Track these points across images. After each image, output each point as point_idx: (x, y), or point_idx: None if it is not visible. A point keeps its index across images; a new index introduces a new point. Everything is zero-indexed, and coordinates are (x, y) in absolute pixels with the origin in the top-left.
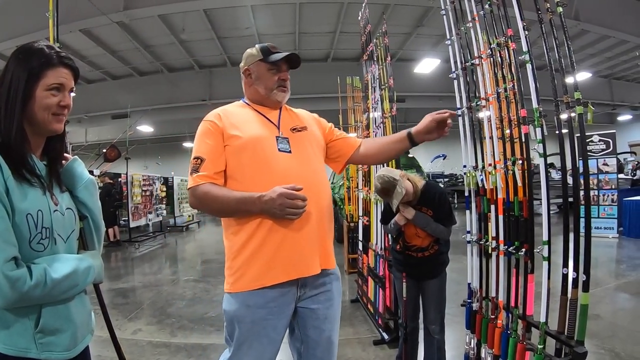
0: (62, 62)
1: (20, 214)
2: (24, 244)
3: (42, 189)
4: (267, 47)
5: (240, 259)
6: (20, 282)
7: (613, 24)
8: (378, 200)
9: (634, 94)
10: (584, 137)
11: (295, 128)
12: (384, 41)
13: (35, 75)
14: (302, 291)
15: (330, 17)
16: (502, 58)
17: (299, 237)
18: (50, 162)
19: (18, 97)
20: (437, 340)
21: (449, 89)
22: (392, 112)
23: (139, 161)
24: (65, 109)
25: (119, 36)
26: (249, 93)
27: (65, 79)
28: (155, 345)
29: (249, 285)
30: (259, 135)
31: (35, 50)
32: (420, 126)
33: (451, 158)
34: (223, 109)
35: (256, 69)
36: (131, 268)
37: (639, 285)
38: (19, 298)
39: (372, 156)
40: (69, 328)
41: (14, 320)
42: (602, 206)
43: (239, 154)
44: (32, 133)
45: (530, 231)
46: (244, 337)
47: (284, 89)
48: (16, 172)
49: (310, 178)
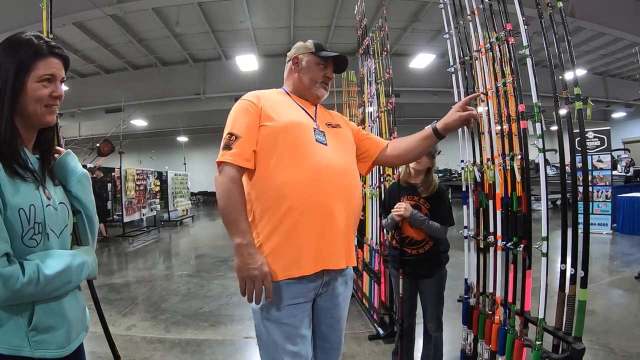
0: (52, 51)
1: (12, 208)
2: (16, 240)
3: (35, 184)
4: (320, 44)
5: (268, 246)
6: (12, 279)
7: (608, 21)
8: (374, 195)
9: (629, 91)
10: (583, 132)
11: (330, 124)
12: (380, 35)
13: (25, 67)
14: (324, 288)
15: (326, 11)
16: (501, 53)
17: (329, 232)
18: (42, 155)
19: (7, 90)
20: (434, 337)
21: (444, 84)
22: (388, 106)
23: (132, 155)
24: (58, 99)
25: (113, 29)
26: (290, 81)
27: (56, 69)
28: (150, 341)
29: (275, 276)
30: (297, 120)
31: (23, 41)
32: (445, 119)
33: (446, 153)
34: (262, 92)
35: (306, 58)
36: (125, 263)
37: (633, 281)
38: (11, 296)
39: (398, 156)
40: (62, 325)
41: (7, 318)
42: (596, 202)
43: (275, 136)
44: (23, 126)
45: (528, 227)
46: (277, 338)
47: (326, 86)
48: (7, 166)
49: (344, 172)
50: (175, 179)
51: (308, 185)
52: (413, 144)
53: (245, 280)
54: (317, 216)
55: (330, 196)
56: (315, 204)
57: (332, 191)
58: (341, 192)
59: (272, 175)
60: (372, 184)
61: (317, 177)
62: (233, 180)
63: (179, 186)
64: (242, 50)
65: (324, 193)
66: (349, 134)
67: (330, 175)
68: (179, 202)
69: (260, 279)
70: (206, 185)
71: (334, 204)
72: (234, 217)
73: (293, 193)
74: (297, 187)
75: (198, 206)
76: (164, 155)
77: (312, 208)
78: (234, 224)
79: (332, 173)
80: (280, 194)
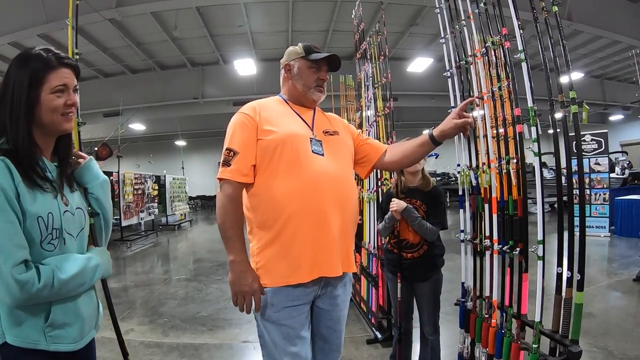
0: (62, 62)
1: (31, 217)
2: (35, 245)
3: (53, 193)
4: (310, 46)
5: (265, 254)
6: (29, 284)
7: (605, 25)
8: (371, 199)
9: (626, 94)
10: (578, 136)
11: (328, 131)
12: (377, 39)
13: (37, 80)
14: (322, 291)
15: (324, 15)
16: (497, 57)
17: (325, 239)
18: (60, 162)
19: (22, 104)
20: (431, 341)
21: (442, 88)
22: (385, 110)
23: (130, 159)
24: (72, 107)
25: (111, 33)
26: (286, 88)
27: (68, 79)
28: (148, 345)
29: (275, 282)
30: (294, 132)
31: (32, 56)
32: (441, 126)
33: (444, 157)
34: (259, 103)
35: (297, 65)
36: (123, 267)
37: (631, 283)
38: (27, 298)
39: (396, 161)
40: (77, 322)
41: (25, 316)
42: (594, 205)
43: (272, 149)
44: (41, 135)
45: (524, 230)
46: (276, 339)
47: (321, 89)
48: (27, 178)
49: (339, 182)
50: (173, 183)
51: (303, 196)
52: (410, 149)
53: (236, 294)
54: (313, 226)
55: (326, 205)
56: (311, 214)
57: (327, 200)
58: (337, 200)
59: (270, 187)
60: (369, 188)
61: (312, 187)
62: (230, 198)
63: (177, 190)
64: (240, 54)
65: (320, 202)
66: (347, 140)
67: (325, 185)
68: (177, 206)
69: (250, 295)
70: (204, 189)
71: (330, 213)
72: (229, 235)
73: (289, 204)
74: (293, 198)
75: (196, 210)
76: (162, 159)
77: (308, 218)
78: (229, 241)
79: (328, 182)
80: (277, 205)
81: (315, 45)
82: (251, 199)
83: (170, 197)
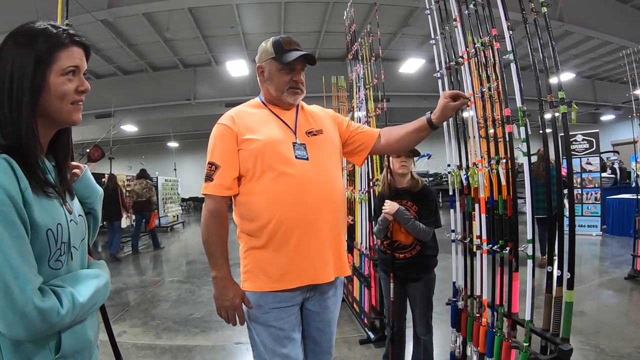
0: (74, 40)
1: (40, 230)
2: (42, 264)
3: (58, 199)
4: (281, 42)
5: (252, 259)
6: (52, 312)
7: (597, 26)
8: (363, 199)
9: (617, 94)
10: (567, 136)
11: (311, 131)
12: (368, 40)
13: (44, 60)
14: (311, 293)
15: (316, 17)
16: (487, 58)
17: (314, 245)
18: (58, 164)
19: (25, 89)
20: (424, 341)
21: (434, 89)
22: (377, 111)
23: (123, 161)
24: (84, 94)
25: (103, 34)
26: (262, 91)
27: (80, 60)
28: (140, 347)
29: (261, 287)
30: (275, 139)
31: (38, 31)
32: (439, 110)
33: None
34: (237, 110)
35: (268, 67)
36: (115, 269)
37: (623, 281)
38: (46, 329)
39: (393, 145)
40: (86, 346)
41: (33, 350)
42: (585, 204)
43: (254, 157)
44: (42, 128)
45: (514, 230)
46: (266, 341)
47: (296, 90)
48: (34, 181)
49: (326, 186)
50: (165, 184)
51: (289, 204)
52: (408, 135)
53: (219, 309)
54: (300, 233)
55: (313, 211)
56: (298, 222)
57: (314, 205)
58: (324, 204)
59: (255, 195)
60: (361, 188)
61: (297, 194)
62: (213, 213)
63: (169, 192)
64: (232, 55)
65: (306, 209)
66: (332, 137)
67: (312, 191)
68: (169, 207)
69: (232, 309)
70: (197, 191)
71: (318, 219)
72: (211, 251)
73: (275, 211)
74: (278, 206)
75: (189, 212)
76: (154, 160)
77: (294, 226)
78: (212, 257)
79: (314, 188)
80: (262, 214)
81: (287, 40)
82: (238, 207)
83: (163, 198)
